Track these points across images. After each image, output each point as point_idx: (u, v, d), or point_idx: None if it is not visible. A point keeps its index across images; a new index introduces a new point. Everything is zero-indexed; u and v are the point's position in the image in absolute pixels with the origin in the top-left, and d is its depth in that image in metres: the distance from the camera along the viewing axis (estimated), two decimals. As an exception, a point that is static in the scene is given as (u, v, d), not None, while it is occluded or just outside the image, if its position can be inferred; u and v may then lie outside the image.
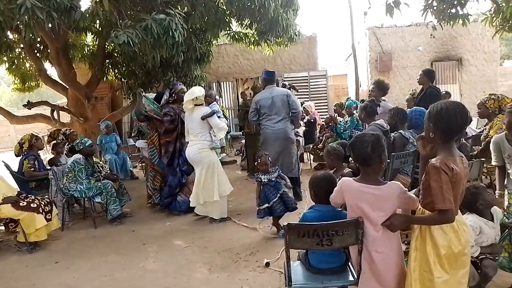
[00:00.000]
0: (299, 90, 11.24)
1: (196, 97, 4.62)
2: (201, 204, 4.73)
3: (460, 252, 1.87)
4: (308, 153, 7.91)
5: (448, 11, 5.40)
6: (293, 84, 8.02)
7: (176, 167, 5.17)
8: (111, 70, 8.92)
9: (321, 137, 7.55)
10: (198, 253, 3.86)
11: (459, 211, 1.96)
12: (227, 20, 7.37)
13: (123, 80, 8.94)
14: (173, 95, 5.14)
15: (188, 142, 4.88)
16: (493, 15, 5.51)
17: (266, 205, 3.94)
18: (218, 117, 5.01)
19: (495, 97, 4.38)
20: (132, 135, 6.95)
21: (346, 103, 7.06)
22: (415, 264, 1.92)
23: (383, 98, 5.72)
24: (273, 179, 4.01)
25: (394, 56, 11.11)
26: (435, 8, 5.45)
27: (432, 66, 11.02)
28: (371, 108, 4.31)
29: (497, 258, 2.61)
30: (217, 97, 5.02)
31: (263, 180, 3.99)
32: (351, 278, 2.22)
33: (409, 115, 4.11)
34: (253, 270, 3.37)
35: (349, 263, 2.31)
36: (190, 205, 4.88)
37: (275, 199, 3.94)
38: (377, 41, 11.12)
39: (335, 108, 8.05)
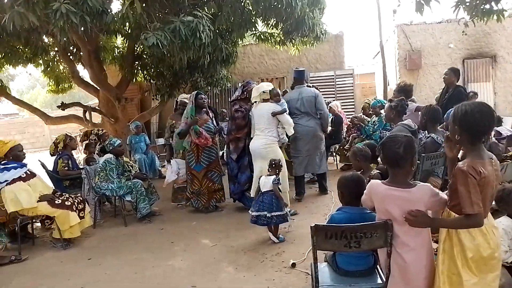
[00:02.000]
0: (325, 90, 11.17)
1: (263, 91, 4.74)
2: None
3: (490, 256, 1.82)
4: (334, 154, 7.84)
5: (482, 7, 5.20)
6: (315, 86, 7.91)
7: (246, 164, 5.16)
8: (140, 71, 9.15)
9: (347, 138, 7.46)
10: (224, 252, 3.90)
11: (489, 214, 1.90)
12: (253, 20, 7.39)
13: (151, 81, 9.17)
14: (245, 92, 5.15)
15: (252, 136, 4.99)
16: (531, 10, 5.27)
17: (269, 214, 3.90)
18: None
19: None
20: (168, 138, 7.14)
21: (372, 103, 6.94)
22: (443, 267, 1.89)
23: (413, 98, 5.59)
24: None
25: (423, 54, 10.80)
26: (467, 4, 5.25)
27: (464, 64, 10.66)
28: (401, 108, 4.22)
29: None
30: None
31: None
32: (379, 281, 2.19)
33: (446, 117, 3.94)
34: (279, 270, 3.37)
35: (378, 266, 2.28)
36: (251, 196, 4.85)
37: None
38: (406, 38, 10.84)
39: (363, 108, 7.93)
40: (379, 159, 3.44)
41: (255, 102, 4.95)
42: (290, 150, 5.72)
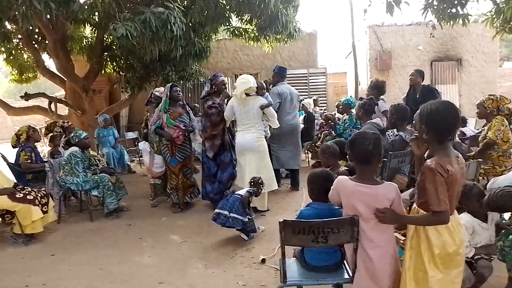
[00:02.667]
0: (299, 87, 11.26)
1: (250, 87, 4.66)
2: None
3: (454, 252, 1.88)
4: (306, 151, 7.92)
5: (448, 11, 5.39)
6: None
7: (228, 161, 5.04)
8: (109, 63, 8.90)
9: (319, 135, 7.56)
10: (194, 249, 3.86)
11: (455, 210, 1.96)
12: (226, 15, 7.34)
13: (121, 73, 8.92)
14: (214, 86, 5.02)
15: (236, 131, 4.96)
16: (494, 16, 5.50)
17: (245, 219, 3.90)
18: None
19: (494, 97, 4.38)
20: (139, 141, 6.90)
21: (342, 101, 7.04)
22: (410, 263, 1.93)
23: (382, 97, 5.73)
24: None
25: (394, 55, 11.08)
26: (435, 7, 5.43)
27: (432, 66, 11.03)
28: (369, 106, 4.30)
29: (492, 258, 2.62)
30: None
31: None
32: (346, 276, 2.23)
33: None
34: (249, 266, 3.38)
35: (345, 262, 2.32)
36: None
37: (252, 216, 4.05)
38: (377, 39, 11.09)
39: (337, 106, 8.03)
40: (347, 156, 3.52)
41: (236, 95, 4.77)
42: (273, 144, 5.66)
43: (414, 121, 4.15)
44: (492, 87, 10.79)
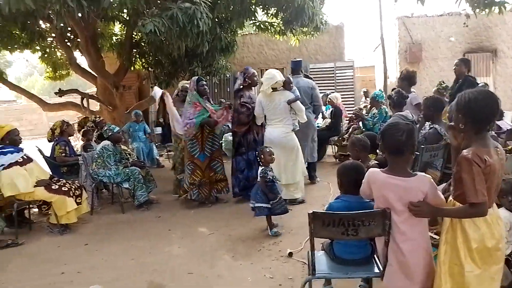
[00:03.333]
0: (325, 81, 11.12)
1: (276, 82, 4.67)
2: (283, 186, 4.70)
3: (494, 247, 1.80)
4: (332, 145, 7.84)
5: (484, -1, 5.17)
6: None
7: (254, 159, 4.99)
8: (138, 59, 9.07)
9: (348, 129, 7.44)
10: (222, 241, 3.90)
11: (494, 204, 1.88)
12: (252, 9, 7.31)
13: (150, 69, 9.08)
14: (246, 79, 5.04)
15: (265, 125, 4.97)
16: (533, 3, 5.24)
17: (268, 205, 3.85)
18: None
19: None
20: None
21: (371, 95, 6.89)
22: (445, 257, 1.86)
23: (413, 90, 5.57)
24: (275, 176, 4.00)
25: (424, 47, 10.75)
26: (470, -5, 5.23)
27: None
28: (397, 99, 4.20)
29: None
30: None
31: (269, 176, 3.90)
32: (376, 270, 2.19)
33: (449, 109, 3.93)
34: (276, 259, 3.38)
35: (375, 255, 2.28)
36: None
37: (277, 199, 3.89)
38: (407, 31, 10.78)
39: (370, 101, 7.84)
40: (377, 150, 3.45)
41: (263, 90, 4.79)
42: None
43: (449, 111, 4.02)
44: (530, 79, 10.30)
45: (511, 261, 2.44)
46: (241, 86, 5.08)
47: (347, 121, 7.93)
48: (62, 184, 4.47)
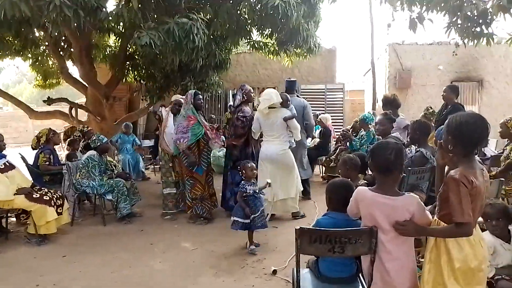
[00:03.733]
0: (316, 102, 11.24)
1: (273, 104, 4.74)
2: (274, 203, 4.82)
3: (477, 268, 1.81)
4: (320, 165, 7.85)
5: (473, 29, 5.31)
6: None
7: None
8: (131, 72, 9.07)
9: (336, 149, 7.49)
10: (205, 257, 3.82)
11: (477, 225, 1.90)
12: (248, 28, 7.42)
13: (142, 82, 9.08)
14: (245, 96, 5.12)
15: (261, 141, 5.05)
16: (518, 36, 5.40)
17: (247, 220, 3.79)
18: None
19: (518, 118, 4.27)
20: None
21: (360, 117, 6.97)
22: (429, 276, 1.87)
23: (401, 114, 5.66)
24: (257, 190, 3.93)
25: (413, 74, 10.99)
26: (459, 26, 5.37)
27: (451, 85, 10.87)
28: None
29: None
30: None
31: (248, 191, 3.87)
32: (361, 289, 2.16)
33: (436, 133, 4.00)
34: (259, 277, 3.32)
35: (360, 274, 2.25)
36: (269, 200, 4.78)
37: (258, 214, 3.84)
38: (397, 57, 11.03)
39: (353, 126, 7.95)
40: (366, 170, 3.46)
41: (261, 110, 4.85)
42: None
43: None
44: (514, 109, 10.56)
45: (494, 284, 2.44)
46: (240, 102, 5.15)
47: (335, 142, 7.99)
48: (43, 193, 4.36)
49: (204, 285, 3.20)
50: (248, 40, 8.43)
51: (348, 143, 7.18)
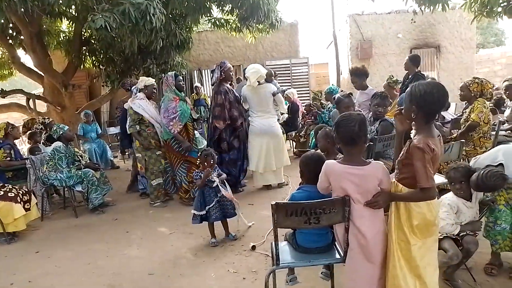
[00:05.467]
0: (281, 78, 11.26)
1: (260, 75, 4.98)
2: (260, 174, 5.22)
3: (431, 222, 1.97)
4: (290, 140, 7.95)
5: (429, -4, 5.45)
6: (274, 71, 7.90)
7: (235, 158, 5.26)
8: (88, 57, 8.70)
9: (303, 124, 7.58)
10: (183, 239, 3.83)
11: None
12: (207, 5, 7.24)
13: (101, 67, 8.73)
14: (223, 73, 5.12)
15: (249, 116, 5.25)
16: (472, 1, 5.59)
17: (203, 212, 3.55)
18: None
19: (479, 81, 4.42)
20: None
21: (326, 90, 7.05)
22: (395, 235, 2.00)
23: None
24: (213, 180, 3.62)
25: (374, 44, 11.19)
26: (415, -7, 5.49)
27: (411, 53, 11.16)
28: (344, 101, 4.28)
29: (477, 234, 2.69)
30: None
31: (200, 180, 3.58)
32: (337, 256, 2.25)
33: (399, 101, 4.11)
34: (239, 253, 3.38)
35: (335, 243, 2.33)
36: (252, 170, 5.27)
37: (212, 205, 3.56)
38: (358, 28, 11.16)
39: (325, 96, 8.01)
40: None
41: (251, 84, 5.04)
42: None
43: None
44: (469, 73, 11.02)
45: (460, 241, 2.59)
46: (218, 80, 5.13)
47: (301, 117, 8.08)
48: (7, 190, 4.18)
49: (185, 267, 3.22)
50: (209, 18, 8.26)
51: (313, 117, 7.30)
